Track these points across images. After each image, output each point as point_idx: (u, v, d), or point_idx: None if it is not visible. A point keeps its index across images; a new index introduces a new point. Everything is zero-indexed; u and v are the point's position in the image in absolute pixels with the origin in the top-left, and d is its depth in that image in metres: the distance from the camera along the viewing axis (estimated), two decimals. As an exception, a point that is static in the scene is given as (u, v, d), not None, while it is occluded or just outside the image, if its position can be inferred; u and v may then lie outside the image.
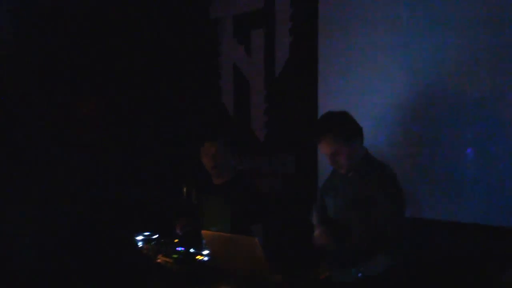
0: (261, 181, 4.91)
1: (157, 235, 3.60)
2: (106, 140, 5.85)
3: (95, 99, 5.89)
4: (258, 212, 3.76)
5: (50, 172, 4.64)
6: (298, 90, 4.65)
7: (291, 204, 4.63)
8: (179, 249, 3.36)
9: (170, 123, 5.68)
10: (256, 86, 4.99)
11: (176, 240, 3.59)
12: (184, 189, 4.11)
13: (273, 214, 3.98)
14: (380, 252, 2.78)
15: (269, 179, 4.87)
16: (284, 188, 4.78)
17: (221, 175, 3.76)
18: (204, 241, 3.17)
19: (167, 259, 3.21)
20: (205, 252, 3.20)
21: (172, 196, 4.99)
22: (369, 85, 4.02)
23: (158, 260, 3.24)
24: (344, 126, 2.93)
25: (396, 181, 2.94)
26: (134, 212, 4.97)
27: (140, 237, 3.52)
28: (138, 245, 3.46)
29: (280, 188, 4.81)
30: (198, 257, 3.20)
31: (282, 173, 4.78)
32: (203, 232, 3.03)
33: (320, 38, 4.37)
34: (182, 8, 5.56)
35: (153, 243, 3.49)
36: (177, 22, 5.59)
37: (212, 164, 3.71)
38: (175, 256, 3.24)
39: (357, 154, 2.98)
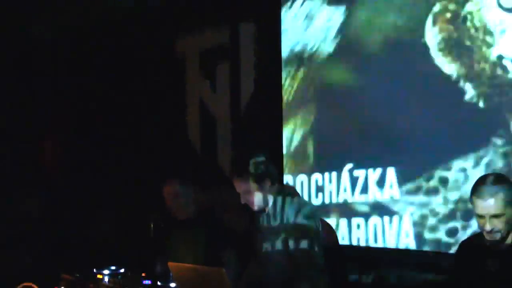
0: (229, 215, 4.89)
1: (123, 269, 3.54)
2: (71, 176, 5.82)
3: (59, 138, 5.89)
4: (226, 244, 3.76)
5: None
6: (263, 123, 4.69)
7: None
8: (146, 282, 3.32)
9: (136, 158, 5.65)
10: (222, 120, 5.02)
11: (143, 274, 3.55)
12: (151, 224, 4.07)
13: (241, 246, 3.97)
14: (303, 280, 2.90)
15: (237, 213, 4.86)
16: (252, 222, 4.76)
17: (184, 213, 3.77)
18: (171, 274, 3.14)
19: (134, 293, 3.17)
20: (173, 284, 3.17)
21: (138, 231, 4.94)
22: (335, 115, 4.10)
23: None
24: (256, 169, 3.11)
25: (312, 216, 3.05)
26: (99, 247, 4.89)
27: (106, 272, 3.47)
28: None
29: (247, 221, 4.79)
30: (165, 290, 3.16)
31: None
32: (170, 264, 3.00)
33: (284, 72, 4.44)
34: (147, 44, 5.59)
35: (119, 277, 3.43)
36: (143, 58, 5.62)
37: (174, 204, 3.74)
38: (141, 289, 3.20)
39: (267, 194, 3.15)
